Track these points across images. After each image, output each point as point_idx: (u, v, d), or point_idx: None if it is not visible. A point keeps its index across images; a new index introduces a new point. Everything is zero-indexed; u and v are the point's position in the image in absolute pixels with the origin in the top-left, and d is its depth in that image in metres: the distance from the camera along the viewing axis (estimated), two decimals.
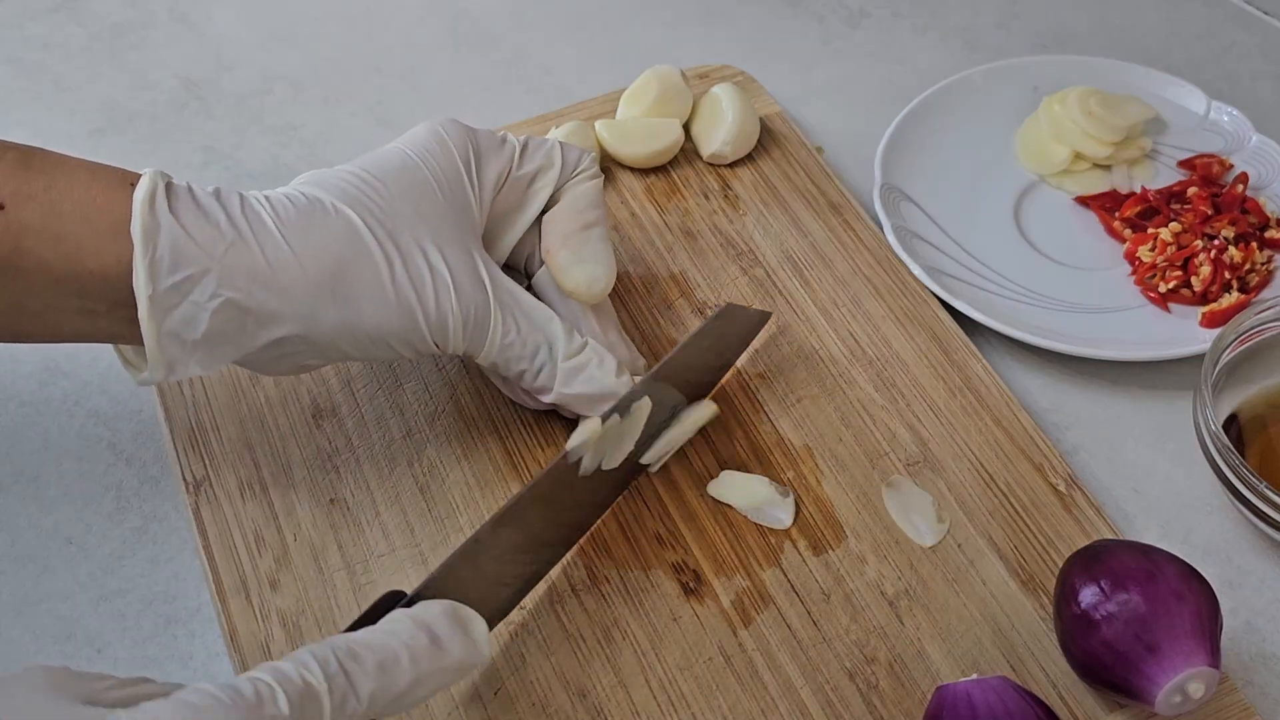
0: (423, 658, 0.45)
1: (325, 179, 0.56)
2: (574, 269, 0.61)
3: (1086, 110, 0.76)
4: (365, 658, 0.44)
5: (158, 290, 0.51)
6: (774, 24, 0.89)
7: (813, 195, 0.75)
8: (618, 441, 0.58)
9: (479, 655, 0.47)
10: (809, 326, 0.68)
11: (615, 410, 0.56)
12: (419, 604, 0.47)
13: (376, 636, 0.45)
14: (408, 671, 0.44)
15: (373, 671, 0.43)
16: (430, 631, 0.46)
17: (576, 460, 0.55)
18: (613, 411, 0.56)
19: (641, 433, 0.59)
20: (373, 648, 0.44)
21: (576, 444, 0.55)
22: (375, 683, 0.43)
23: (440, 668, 0.45)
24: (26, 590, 0.60)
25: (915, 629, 0.56)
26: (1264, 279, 0.70)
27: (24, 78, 0.86)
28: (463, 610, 0.47)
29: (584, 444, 0.55)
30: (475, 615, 0.48)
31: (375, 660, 0.44)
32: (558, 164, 0.62)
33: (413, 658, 0.45)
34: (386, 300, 0.55)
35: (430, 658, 0.45)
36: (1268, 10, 0.89)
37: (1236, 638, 0.58)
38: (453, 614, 0.47)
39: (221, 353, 0.54)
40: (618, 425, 0.57)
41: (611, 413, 0.56)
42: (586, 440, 0.55)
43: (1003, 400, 0.65)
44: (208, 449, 0.63)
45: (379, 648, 0.44)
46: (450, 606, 0.47)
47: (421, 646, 0.45)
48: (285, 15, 0.90)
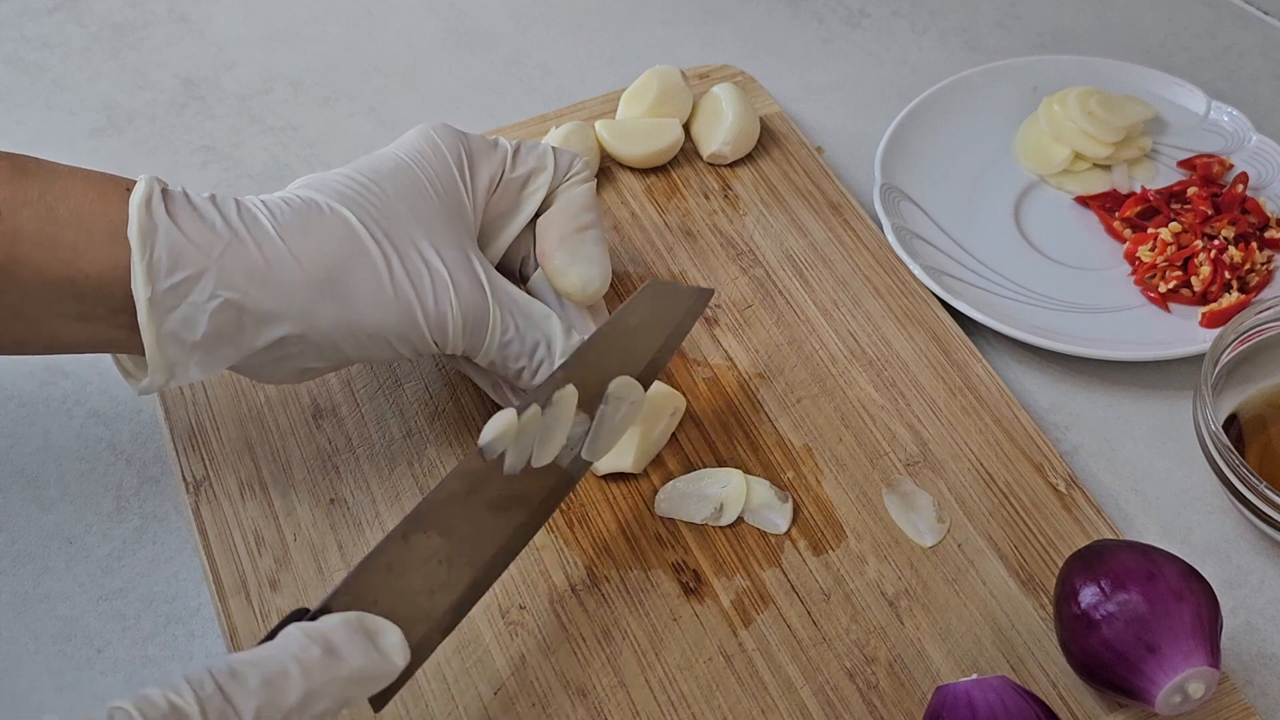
0: (315, 670, 0.43)
1: (320, 182, 0.57)
2: (569, 271, 0.61)
3: (1086, 110, 0.76)
4: (247, 675, 0.42)
5: (156, 292, 0.51)
6: (774, 24, 0.89)
7: (813, 195, 0.75)
8: (544, 435, 0.53)
9: (390, 665, 0.45)
10: (809, 326, 0.68)
11: (533, 401, 0.52)
12: (320, 618, 0.45)
13: (262, 652, 0.43)
14: (298, 684, 0.42)
15: (257, 688, 0.41)
16: (325, 642, 0.44)
17: (498, 457, 0.51)
18: (530, 402, 0.52)
19: (576, 425, 0.54)
20: (257, 664, 0.42)
21: (491, 438, 0.50)
22: (260, 699, 0.41)
23: (337, 679, 0.43)
24: (26, 590, 0.60)
25: (915, 629, 0.56)
26: (1264, 279, 0.70)
27: (24, 78, 0.86)
28: (370, 619, 0.45)
29: (499, 438, 0.51)
30: (387, 625, 0.46)
31: (260, 676, 0.42)
32: (550, 167, 0.62)
33: (304, 670, 0.43)
34: (385, 298, 0.55)
35: (324, 669, 0.43)
36: (1268, 10, 0.89)
37: (1236, 638, 0.58)
38: (356, 624, 0.45)
39: (221, 354, 0.54)
40: (538, 417, 0.52)
41: (529, 404, 0.52)
42: (502, 434, 0.51)
43: (1003, 400, 0.65)
44: (208, 449, 0.63)
45: (264, 662, 0.42)
46: (354, 617, 0.45)
47: (313, 659, 0.43)
48: (285, 15, 0.90)
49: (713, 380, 0.66)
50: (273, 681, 0.42)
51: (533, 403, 0.52)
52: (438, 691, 0.55)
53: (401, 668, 0.45)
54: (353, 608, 0.46)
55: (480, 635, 0.56)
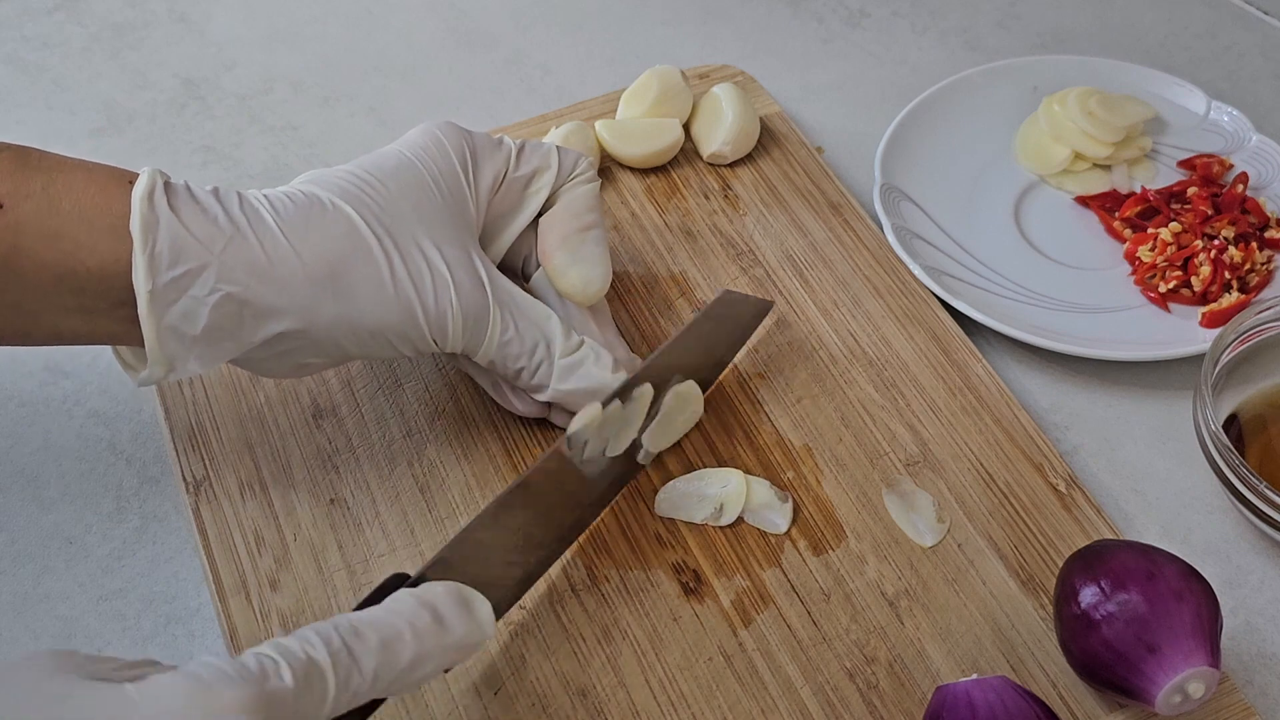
0: (426, 635, 0.45)
1: (323, 178, 0.57)
2: (570, 270, 0.61)
3: (1086, 110, 0.76)
4: (369, 635, 0.44)
5: (157, 285, 0.51)
6: (774, 24, 0.89)
7: (813, 195, 0.75)
8: (620, 428, 0.58)
9: (483, 634, 0.48)
10: (809, 326, 0.68)
11: (616, 396, 0.57)
12: (423, 585, 0.48)
13: (380, 614, 0.45)
14: (411, 648, 0.45)
15: (376, 648, 0.44)
16: (434, 610, 0.46)
17: (580, 446, 0.56)
18: (614, 397, 0.57)
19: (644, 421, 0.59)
20: (376, 625, 0.44)
21: (578, 428, 0.55)
22: (379, 659, 0.44)
23: (443, 645, 0.46)
24: (26, 590, 0.60)
25: (915, 629, 0.56)
26: (1264, 279, 0.70)
27: (24, 78, 0.86)
28: (466, 591, 0.48)
29: (584, 428, 0.55)
30: (479, 596, 0.48)
31: (379, 637, 0.44)
32: (554, 167, 0.62)
33: (416, 635, 0.45)
34: (386, 296, 0.55)
35: (433, 635, 0.46)
36: (1268, 10, 0.89)
37: (1236, 638, 0.58)
38: (456, 594, 0.47)
39: (221, 349, 0.54)
40: (619, 411, 0.57)
41: (613, 398, 0.56)
42: (587, 425, 0.55)
43: (1003, 400, 0.65)
44: (208, 449, 0.63)
45: (383, 625, 0.45)
46: (454, 587, 0.48)
47: (425, 624, 0.45)
48: (285, 15, 0.90)
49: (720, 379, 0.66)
50: (389, 643, 0.44)
51: (615, 397, 0.57)
52: (438, 691, 0.55)
53: (491, 637, 0.48)
54: (446, 577, 0.49)
55: None
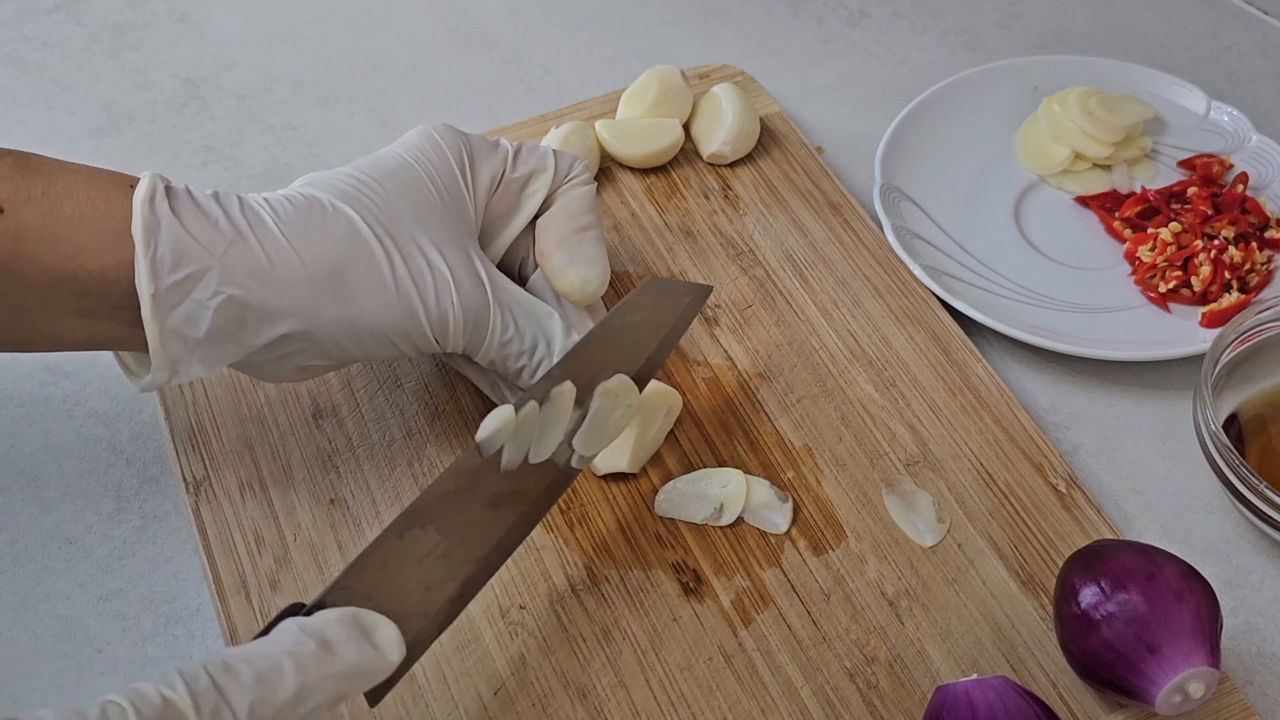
0: (309, 665, 0.43)
1: (322, 180, 0.57)
2: (568, 271, 0.61)
3: (1086, 110, 0.76)
4: (241, 669, 0.42)
5: (160, 288, 0.52)
6: (774, 24, 0.89)
7: (813, 195, 0.75)
8: (541, 431, 0.53)
9: (385, 660, 0.45)
10: (809, 326, 0.68)
11: (531, 397, 0.52)
12: (317, 614, 0.45)
13: (256, 647, 0.43)
14: (292, 679, 0.42)
15: (250, 683, 0.41)
16: (320, 638, 0.43)
17: (495, 453, 0.52)
18: (528, 399, 0.52)
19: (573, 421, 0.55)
20: (251, 659, 0.42)
21: (487, 434, 0.51)
22: (255, 694, 0.41)
23: (331, 674, 0.43)
24: (26, 590, 0.60)
25: (915, 629, 0.56)
26: (1264, 279, 0.70)
27: (24, 78, 0.86)
28: (366, 616, 0.45)
29: (496, 434, 0.51)
30: (382, 621, 0.45)
31: (253, 671, 0.42)
32: (551, 168, 0.62)
33: (298, 665, 0.42)
34: (387, 296, 0.55)
35: (318, 664, 0.43)
36: (1268, 10, 0.89)
37: (1236, 638, 0.58)
38: (350, 620, 0.45)
39: (224, 351, 0.54)
40: (535, 413, 0.52)
41: (526, 400, 0.52)
42: (499, 430, 0.51)
43: (1003, 400, 0.65)
44: (208, 449, 0.63)
45: (259, 657, 0.42)
46: (349, 613, 0.45)
47: (308, 653, 0.43)
48: (285, 15, 0.90)
49: (713, 380, 0.66)
50: (266, 676, 0.42)
51: (530, 399, 0.52)
52: (438, 691, 0.55)
53: (396, 663, 0.45)
54: (349, 604, 0.46)
55: (480, 635, 0.56)
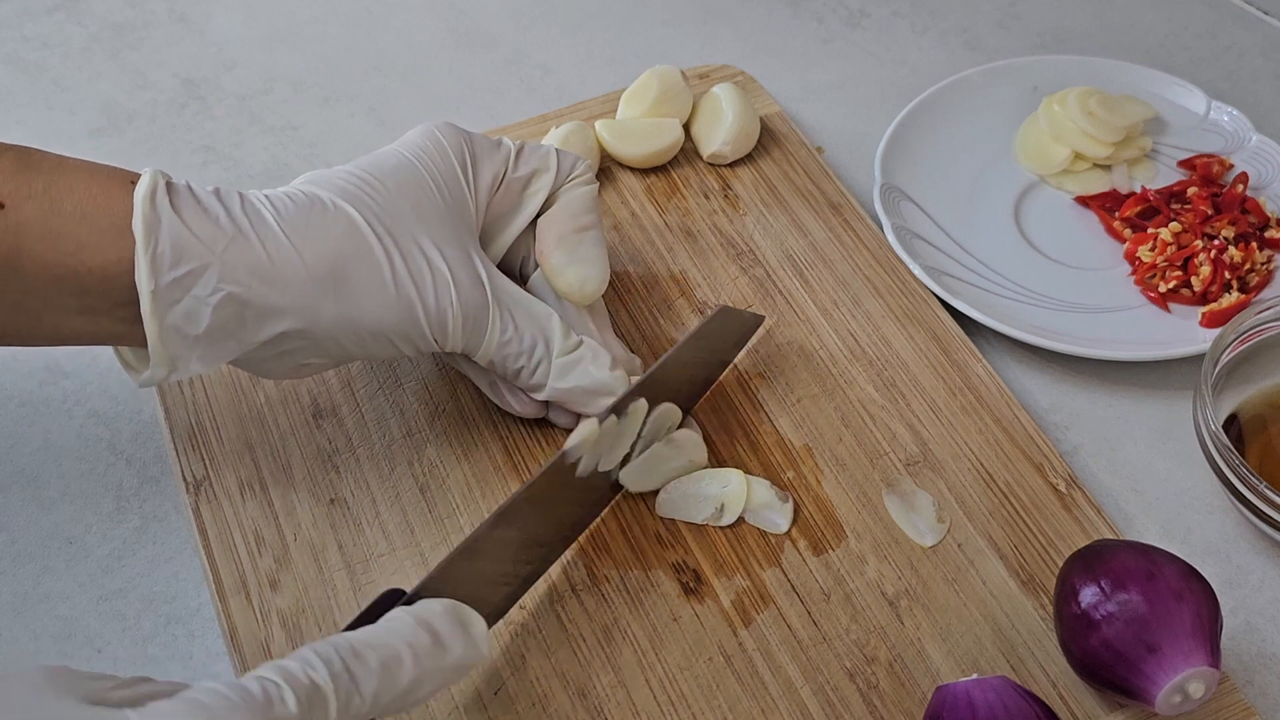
0: (425, 656, 0.45)
1: (323, 178, 0.57)
2: (567, 270, 0.61)
3: (1086, 110, 0.76)
4: (368, 656, 0.43)
5: (160, 285, 0.52)
6: (774, 24, 0.89)
7: (813, 195, 0.75)
8: (614, 442, 0.58)
9: (479, 654, 0.47)
10: (809, 326, 0.68)
11: (613, 411, 0.57)
12: (420, 602, 0.47)
13: (379, 635, 0.45)
14: (410, 670, 0.44)
15: (376, 670, 0.43)
16: (432, 630, 0.45)
17: (574, 461, 0.55)
18: (610, 412, 0.56)
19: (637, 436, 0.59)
20: (375, 646, 0.44)
21: (574, 444, 0.55)
22: (379, 681, 0.43)
23: (441, 666, 0.45)
24: (26, 590, 0.60)
25: (915, 629, 0.56)
26: (1264, 279, 0.70)
27: (24, 78, 0.86)
28: (463, 609, 0.47)
29: (581, 444, 0.55)
30: (475, 614, 0.48)
31: (378, 659, 0.44)
32: (553, 168, 0.62)
33: (415, 656, 0.44)
34: (387, 295, 0.55)
35: (432, 656, 0.45)
36: (1268, 10, 0.89)
37: (1236, 638, 0.58)
38: (453, 613, 0.47)
39: (223, 348, 0.54)
40: (614, 426, 0.57)
41: (609, 414, 0.56)
42: (584, 440, 0.55)
43: (1003, 400, 0.65)
44: (208, 449, 0.63)
45: (382, 646, 0.44)
46: (451, 605, 0.47)
47: (423, 645, 0.45)
48: (285, 15, 0.90)
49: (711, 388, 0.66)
50: (389, 665, 0.44)
51: (612, 413, 0.56)
52: None
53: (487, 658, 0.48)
54: (440, 594, 0.48)
55: None
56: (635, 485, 0.60)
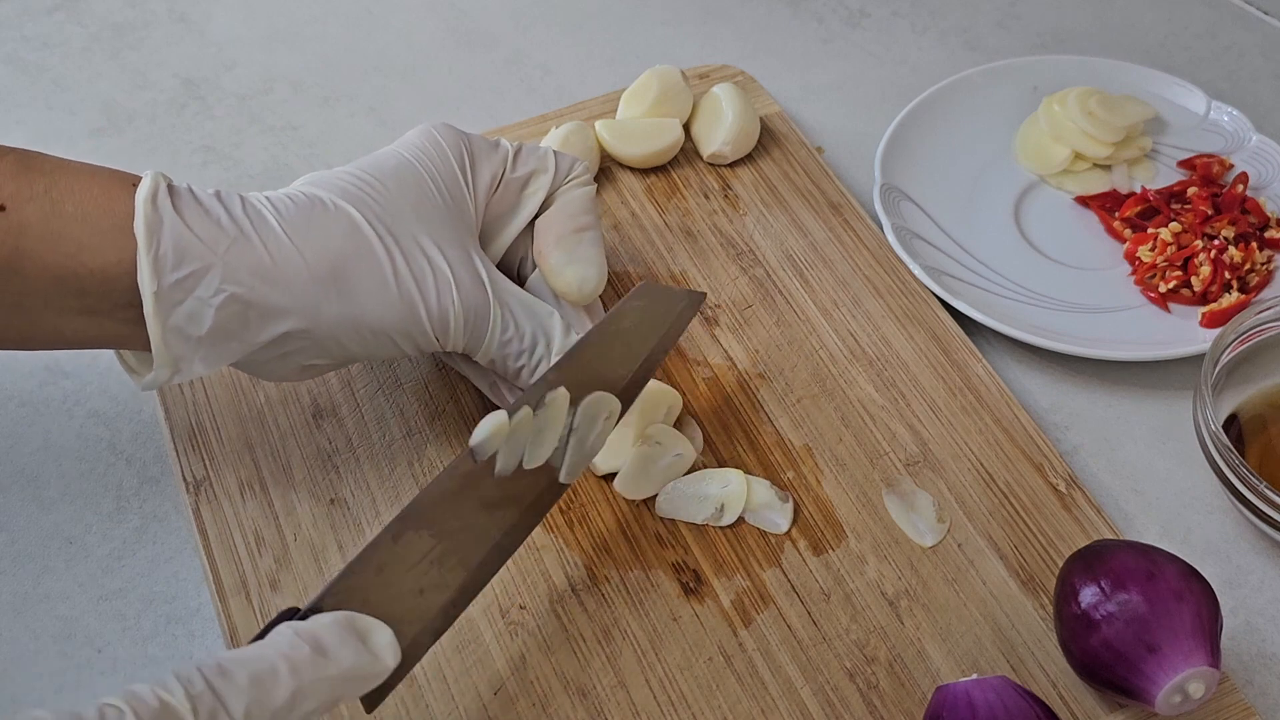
0: (304, 668, 0.43)
1: (323, 179, 0.57)
2: (566, 270, 0.61)
3: (1086, 110, 0.76)
4: (236, 673, 0.42)
5: (162, 286, 0.52)
6: (774, 24, 0.89)
7: (813, 195, 0.75)
8: (536, 437, 0.53)
9: (380, 664, 0.45)
10: (809, 326, 0.68)
11: (525, 403, 0.52)
12: (311, 617, 0.45)
13: (251, 650, 0.43)
14: (287, 683, 0.42)
15: (246, 686, 0.41)
16: (315, 641, 0.44)
17: (490, 458, 0.51)
18: (522, 404, 0.52)
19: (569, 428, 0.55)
20: (246, 662, 0.42)
21: (481, 439, 0.50)
22: (250, 697, 0.41)
23: (326, 677, 0.43)
24: (26, 590, 0.60)
25: (915, 629, 0.56)
26: (1264, 279, 0.70)
27: (24, 78, 0.86)
28: (360, 620, 0.45)
29: (489, 438, 0.50)
30: (377, 625, 0.46)
31: (248, 674, 0.42)
32: (551, 169, 0.62)
33: (292, 668, 0.43)
34: (389, 294, 0.55)
35: (313, 668, 0.43)
36: (1268, 10, 0.89)
37: (1236, 638, 0.58)
38: (346, 624, 0.45)
39: (226, 349, 0.54)
40: (529, 419, 0.52)
41: (520, 405, 0.52)
42: (492, 434, 0.50)
43: (1003, 400, 0.65)
44: (208, 449, 0.63)
45: (253, 661, 0.42)
46: (345, 617, 0.45)
47: (302, 657, 0.43)
48: (285, 15, 0.90)
49: (713, 380, 0.66)
50: (261, 680, 0.42)
51: (524, 404, 0.52)
52: (438, 691, 0.55)
53: (391, 667, 0.45)
54: (343, 608, 0.46)
55: (480, 635, 0.56)
56: (631, 492, 0.60)
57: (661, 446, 0.61)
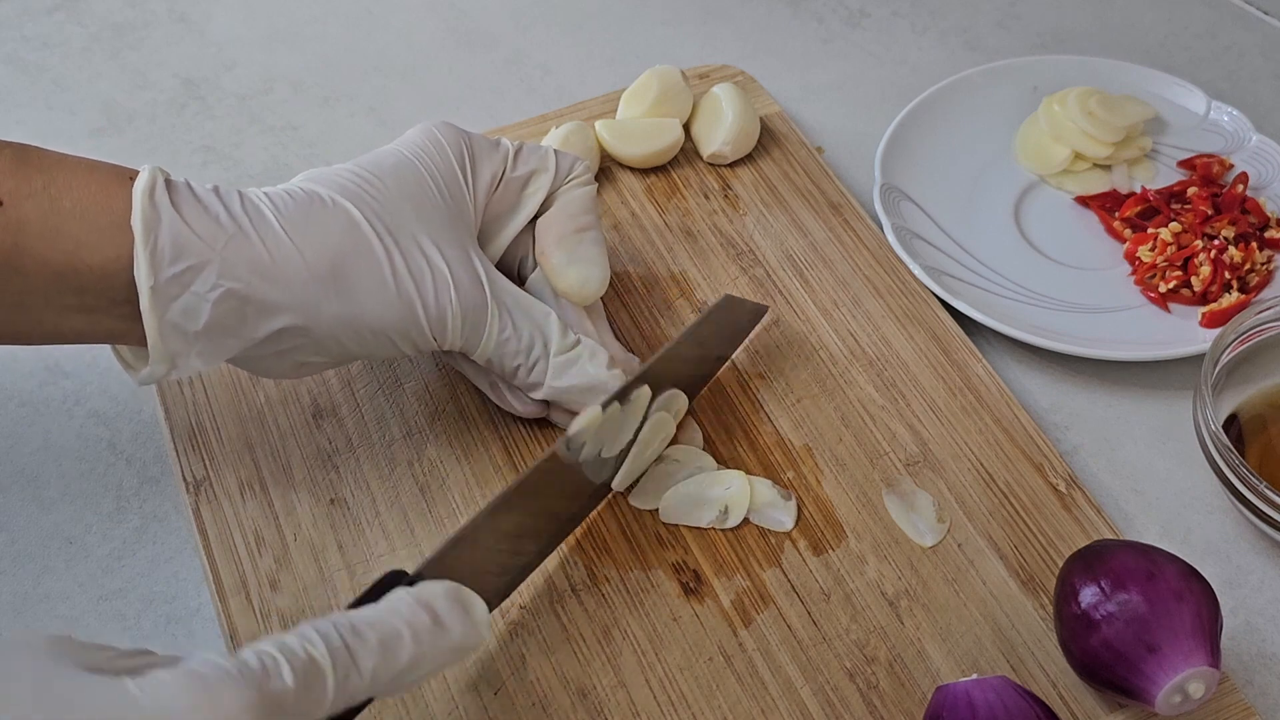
0: (424, 636, 0.45)
1: (323, 176, 0.57)
2: (567, 270, 0.61)
3: (1086, 110, 0.76)
4: (368, 634, 0.43)
5: (159, 281, 0.52)
6: (774, 24, 0.89)
7: (813, 195, 0.75)
8: (617, 430, 0.57)
9: (479, 637, 0.47)
10: (809, 326, 0.68)
11: (616, 398, 0.56)
12: (421, 584, 0.47)
13: (379, 614, 0.45)
14: (409, 649, 0.44)
15: (375, 648, 0.43)
16: (432, 610, 0.45)
17: (578, 448, 0.55)
18: (613, 399, 0.56)
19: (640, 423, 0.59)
20: (375, 624, 0.44)
21: (578, 429, 0.55)
22: (377, 659, 0.43)
23: (440, 647, 0.45)
24: (26, 590, 0.60)
25: (915, 629, 0.56)
26: (1264, 279, 0.70)
27: (24, 78, 0.86)
28: (464, 592, 0.47)
29: (584, 430, 0.55)
30: (476, 598, 0.47)
31: (377, 636, 0.44)
32: (551, 169, 0.62)
33: (414, 635, 0.44)
34: (387, 292, 0.55)
35: (431, 636, 0.45)
36: (1268, 10, 0.89)
37: (1236, 638, 0.58)
38: (455, 595, 0.47)
39: (223, 345, 0.54)
40: (618, 412, 0.57)
41: (612, 400, 0.56)
42: (586, 426, 0.55)
43: (1003, 400, 0.65)
44: (208, 449, 0.63)
45: (381, 624, 0.44)
46: (452, 587, 0.47)
47: (423, 625, 0.45)
48: (285, 15, 0.90)
49: (712, 380, 0.66)
50: (388, 643, 0.44)
51: (615, 399, 0.56)
52: (438, 691, 0.55)
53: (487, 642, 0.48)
54: (442, 576, 0.48)
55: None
56: (645, 503, 0.60)
57: (680, 464, 0.61)
